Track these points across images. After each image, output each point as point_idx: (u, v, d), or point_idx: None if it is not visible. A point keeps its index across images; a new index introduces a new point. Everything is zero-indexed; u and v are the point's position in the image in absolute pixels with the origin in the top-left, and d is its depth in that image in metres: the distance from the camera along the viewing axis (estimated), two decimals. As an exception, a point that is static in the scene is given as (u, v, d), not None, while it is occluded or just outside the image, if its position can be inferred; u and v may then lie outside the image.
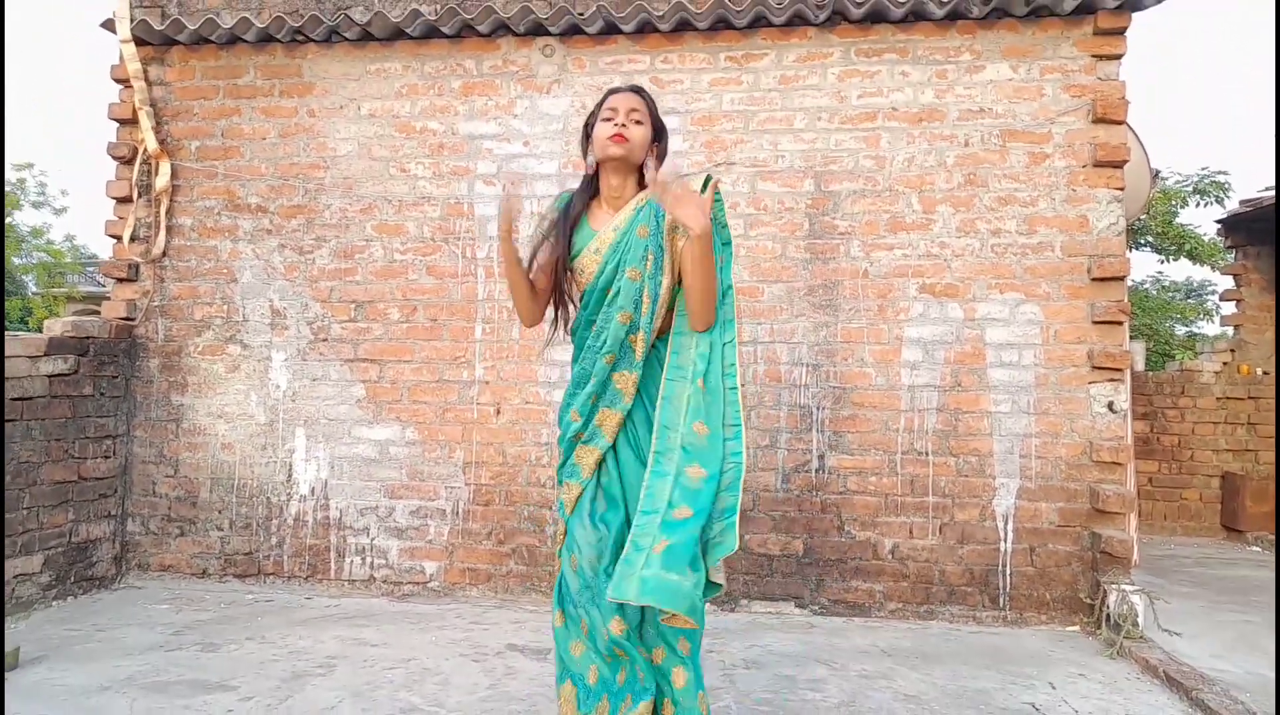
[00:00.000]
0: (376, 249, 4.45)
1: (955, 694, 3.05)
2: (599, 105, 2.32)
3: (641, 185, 2.32)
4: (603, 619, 2.14)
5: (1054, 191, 4.04)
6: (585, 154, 2.38)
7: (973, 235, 4.08)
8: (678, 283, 2.25)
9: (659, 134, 2.34)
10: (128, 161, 4.61)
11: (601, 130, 2.26)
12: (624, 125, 2.24)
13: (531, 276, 2.40)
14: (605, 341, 2.25)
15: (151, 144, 4.53)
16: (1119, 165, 4.00)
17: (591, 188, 2.36)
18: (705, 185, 2.17)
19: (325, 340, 4.46)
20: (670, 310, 2.27)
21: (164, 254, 4.58)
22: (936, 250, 4.10)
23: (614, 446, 2.26)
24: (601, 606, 2.14)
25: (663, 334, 2.28)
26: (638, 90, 2.33)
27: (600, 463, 2.25)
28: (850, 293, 4.15)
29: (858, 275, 4.15)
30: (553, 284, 2.41)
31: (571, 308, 2.42)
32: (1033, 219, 4.05)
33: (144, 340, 4.58)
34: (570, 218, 2.34)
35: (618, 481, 2.25)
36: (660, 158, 2.35)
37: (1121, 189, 4.02)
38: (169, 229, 4.59)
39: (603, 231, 2.29)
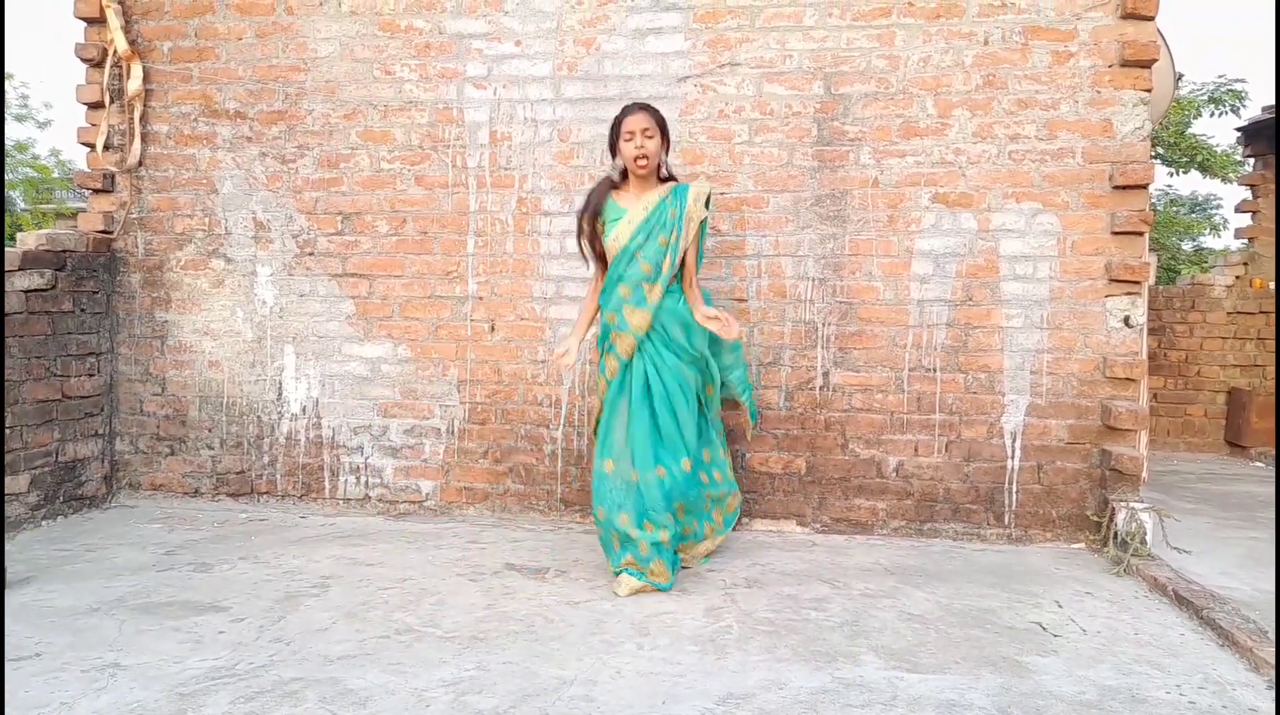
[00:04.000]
0: (362, 158, 4.24)
1: (960, 612, 3.00)
2: (617, 124, 3.23)
3: (658, 178, 3.32)
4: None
5: (1077, 93, 3.81)
6: (614, 155, 3.30)
7: (990, 141, 3.87)
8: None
9: (665, 130, 3.27)
10: (97, 64, 4.36)
11: (626, 152, 3.20)
12: (641, 146, 3.17)
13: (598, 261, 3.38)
14: (629, 282, 3.21)
15: (121, 45, 4.26)
16: (1147, 65, 3.76)
17: (617, 185, 3.33)
18: (708, 202, 3.26)
19: (312, 254, 4.29)
20: (675, 276, 3.27)
21: (140, 163, 4.36)
22: (951, 157, 3.90)
23: (630, 363, 3.25)
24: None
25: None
26: (644, 108, 3.24)
27: (621, 371, 3.26)
28: (859, 203, 3.96)
29: (867, 184, 3.95)
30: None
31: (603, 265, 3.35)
32: (1053, 123, 3.83)
33: (124, 254, 4.41)
34: (594, 206, 3.30)
35: (641, 381, 3.21)
36: (668, 147, 3.36)
37: (1149, 91, 3.80)
38: (144, 137, 4.36)
39: (634, 209, 3.24)
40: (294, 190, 4.28)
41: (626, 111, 3.24)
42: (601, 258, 3.34)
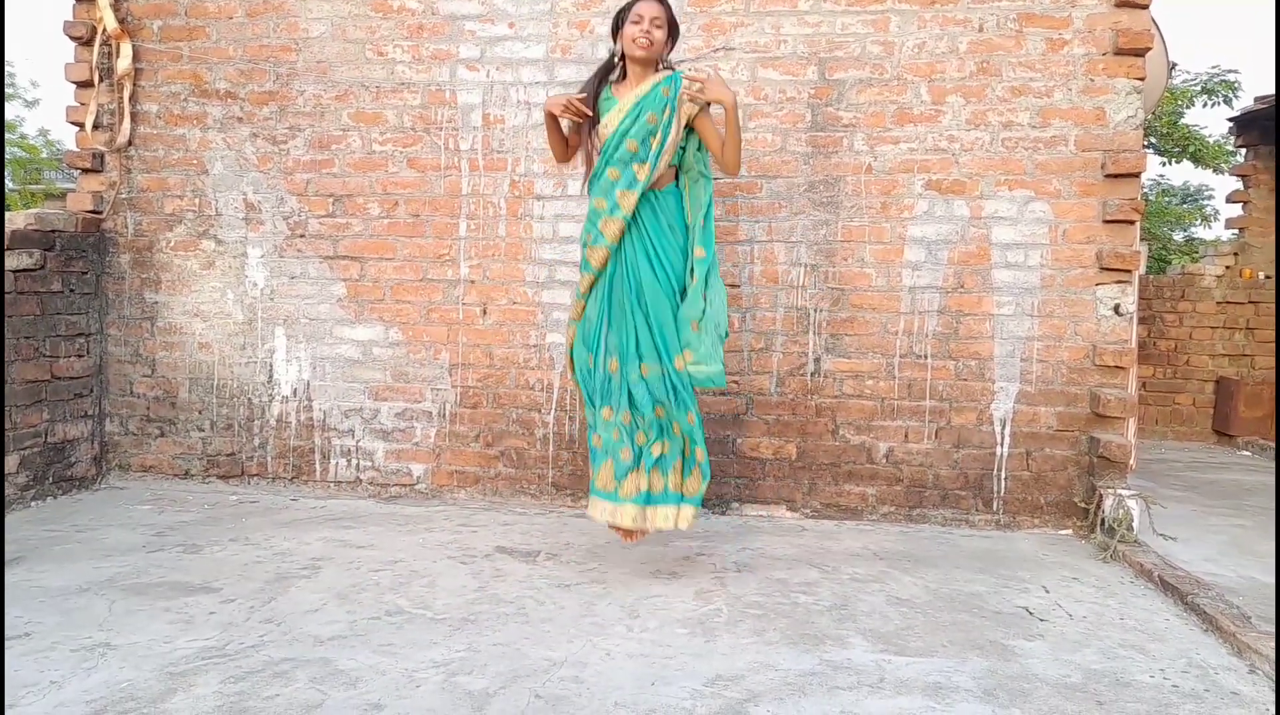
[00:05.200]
0: (354, 139, 4.21)
1: (948, 597, 3.02)
2: (627, 8, 3.01)
3: (655, 70, 3.07)
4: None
5: (1071, 81, 3.81)
6: (615, 40, 3.08)
7: (983, 128, 3.87)
8: (684, 148, 3.08)
9: (674, 32, 3.09)
10: (86, 42, 4.32)
11: (629, 32, 2.98)
12: (648, 31, 2.96)
13: (565, 131, 3.18)
14: (616, 163, 3.01)
15: (110, 23, 4.22)
16: (1141, 53, 3.77)
17: (613, 70, 3.11)
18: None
19: (303, 236, 4.27)
20: (673, 167, 3.09)
21: (130, 143, 4.33)
22: (944, 144, 3.90)
23: (620, 246, 3.04)
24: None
25: (662, 186, 3.07)
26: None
27: (607, 260, 3.04)
28: (853, 189, 3.96)
29: (861, 170, 3.95)
30: (579, 142, 3.19)
31: (593, 160, 3.14)
32: (1047, 111, 3.84)
33: (113, 234, 4.38)
34: (594, 90, 3.09)
35: (624, 276, 3.03)
36: (672, 48, 3.13)
37: (1142, 79, 3.80)
38: (134, 116, 4.33)
39: (625, 98, 3.03)
40: (285, 171, 4.26)
41: None
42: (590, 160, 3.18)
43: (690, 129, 3.08)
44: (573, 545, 3.52)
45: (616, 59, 3.11)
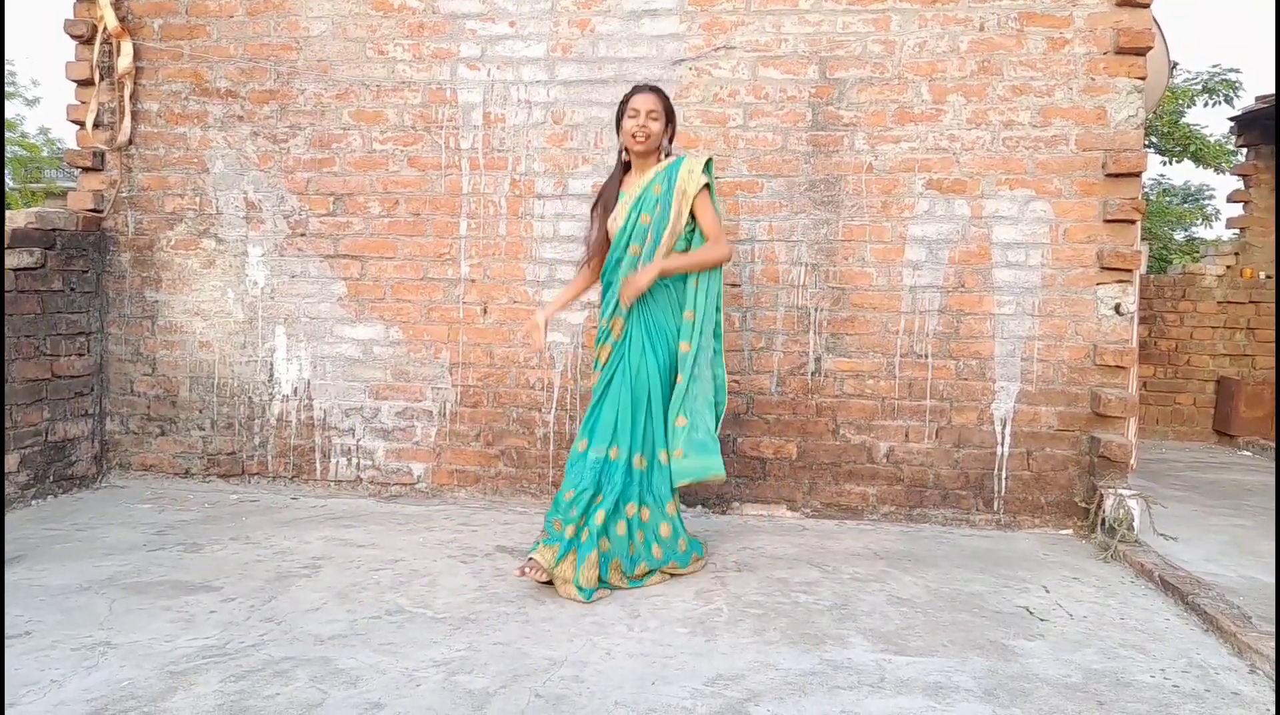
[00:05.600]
0: (355, 138, 4.21)
1: (948, 596, 3.02)
2: (624, 102, 3.18)
3: (659, 158, 3.24)
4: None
5: (1071, 80, 3.81)
6: (618, 134, 3.23)
7: (984, 127, 3.87)
8: (685, 234, 3.19)
9: (670, 118, 3.22)
10: (87, 41, 4.31)
11: (627, 127, 3.15)
12: (644, 124, 3.12)
13: (594, 247, 3.35)
14: (621, 265, 3.18)
15: (111, 21, 4.22)
16: (1142, 52, 3.76)
17: (625, 166, 3.28)
18: (707, 166, 3.16)
19: (303, 235, 4.26)
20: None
21: (130, 141, 4.33)
22: (945, 143, 3.89)
23: (622, 340, 3.20)
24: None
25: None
26: (654, 90, 3.18)
27: (610, 354, 3.22)
28: (853, 188, 3.96)
29: (862, 169, 3.94)
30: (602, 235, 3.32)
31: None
32: (1048, 110, 3.83)
33: (114, 233, 4.38)
34: (607, 197, 3.27)
35: (627, 363, 3.15)
36: (672, 134, 3.26)
37: (1143, 79, 3.80)
38: (134, 115, 4.32)
39: (630, 192, 3.21)
40: (285, 170, 4.26)
41: (636, 90, 3.20)
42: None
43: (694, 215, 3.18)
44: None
45: (621, 155, 3.27)
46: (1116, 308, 3.85)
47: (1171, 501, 4.42)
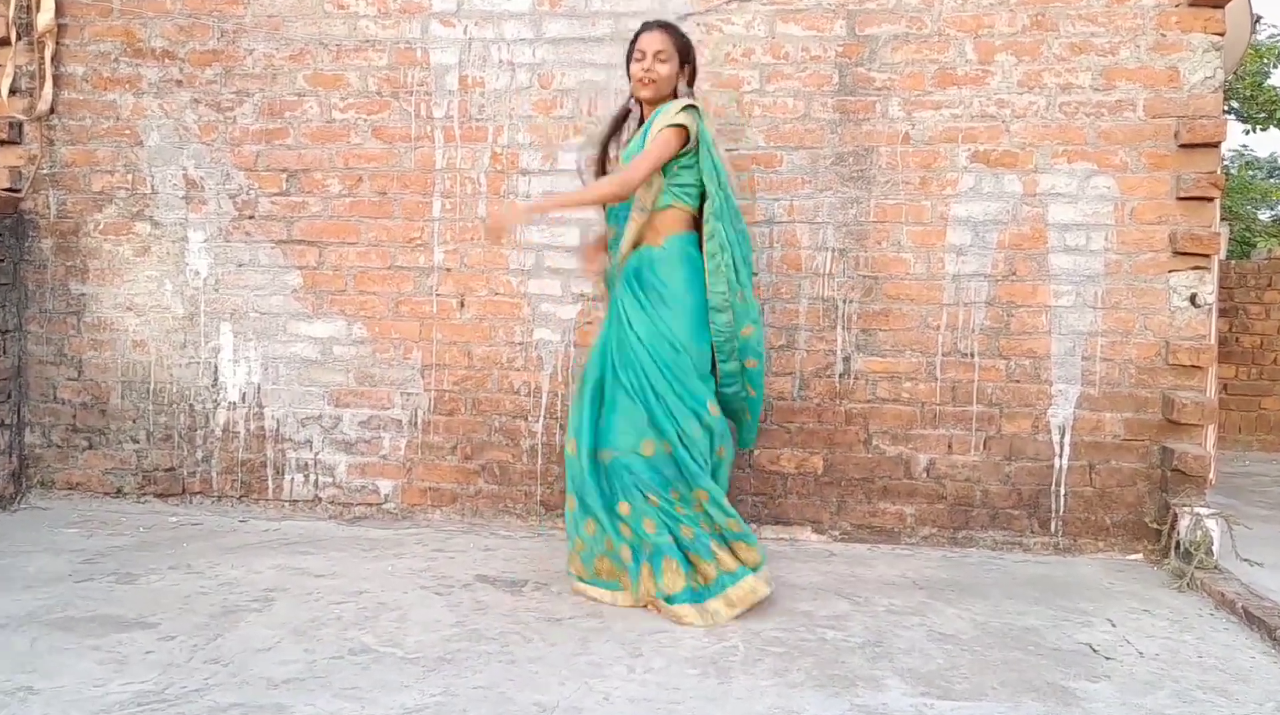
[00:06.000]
0: (311, 105, 4.22)
1: (999, 632, 3.03)
2: (632, 42, 3.20)
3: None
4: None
5: (1139, 37, 3.82)
6: (629, 77, 3.26)
7: (1038, 91, 3.88)
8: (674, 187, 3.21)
9: (686, 56, 3.22)
10: (1, -5, 4.33)
11: (633, 70, 3.17)
12: (650, 68, 3.13)
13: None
14: (620, 214, 3.28)
15: (29, -28, 4.23)
16: (1220, 4, 3.78)
17: (628, 114, 3.37)
18: (691, 109, 3.14)
19: (252, 217, 4.28)
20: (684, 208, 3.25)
21: (52, 110, 4.35)
22: (993, 110, 3.91)
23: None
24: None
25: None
26: (664, 26, 3.17)
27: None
28: (887, 162, 3.97)
29: (896, 140, 3.96)
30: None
31: None
32: (1111, 71, 3.85)
33: (33, 216, 4.40)
34: (606, 139, 3.40)
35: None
36: (691, 77, 3.30)
37: (1221, 34, 3.81)
38: (56, 79, 4.34)
39: (634, 142, 3.24)
40: (231, 143, 4.27)
41: (644, 28, 3.22)
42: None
43: (685, 163, 3.17)
44: (564, 573, 3.52)
45: (630, 102, 3.30)
46: (1192, 298, 3.86)
47: (1257, 522, 4.43)
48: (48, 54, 4.31)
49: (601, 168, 3.38)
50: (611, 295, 3.32)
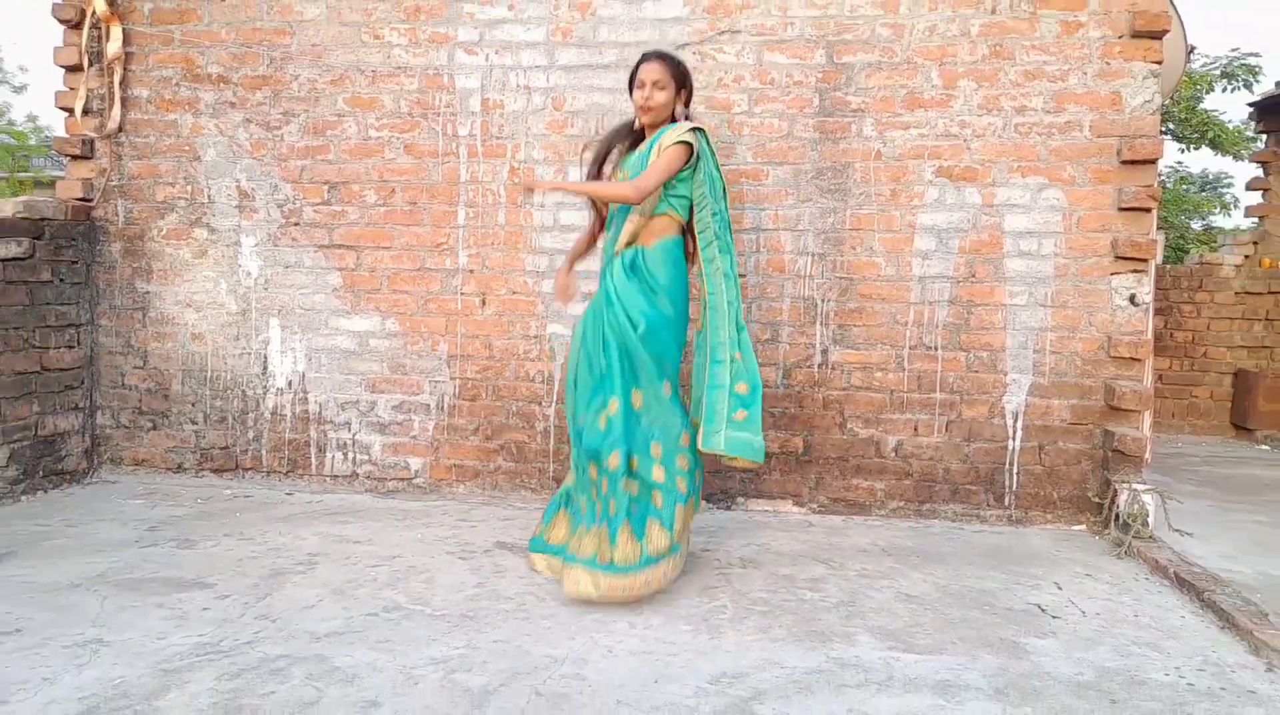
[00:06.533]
0: (349, 125, 4.21)
1: (958, 594, 3.02)
2: (634, 71, 3.16)
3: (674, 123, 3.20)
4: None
5: (1086, 65, 3.80)
6: (633, 102, 3.21)
7: (996, 113, 3.86)
8: (673, 198, 3.13)
9: (683, 82, 3.19)
10: (75, 25, 4.32)
11: (635, 98, 3.16)
12: (649, 95, 3.10)
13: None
14: (616, 224, 3.19)
15: (100, 6, 4.22)
16: (1158, 36, 3.75)
17: (630, 132, 3.28)
18: (698, 131, 3.10)
19: (297, 224, 4.27)
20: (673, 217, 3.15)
21: (120, 129, 4.33)
22: (956, 130, 3.89)
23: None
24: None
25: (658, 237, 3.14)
26: (661, 57, 3.15)
27: None
28: (861, 176, 3.95)
29: (870, 157, 3.94)
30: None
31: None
32: (1061, 96, 3.82)
33: (103, 223, 4.39)
34: (604, 151, 3.28)
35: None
36: (688, 99, 3.25)
37: (1159, 63, 3.79)
38: (124, 101, 4.33)
39: (635, 156, 3.17)
40: (279, 158, 4.26)
41: (644, 58, 3.17)
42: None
43: (682, 177, 3.08)
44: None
45: (636, 125, 3.23)
46: (1131, 298, 3.84)
47: (1187, 497, 4.42)
48: (116, 79, 4.29)
49: (597, 174, 3.27)
50: (601, 284, 3.13)
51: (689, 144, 3.07)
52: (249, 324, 4.33)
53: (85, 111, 4.35)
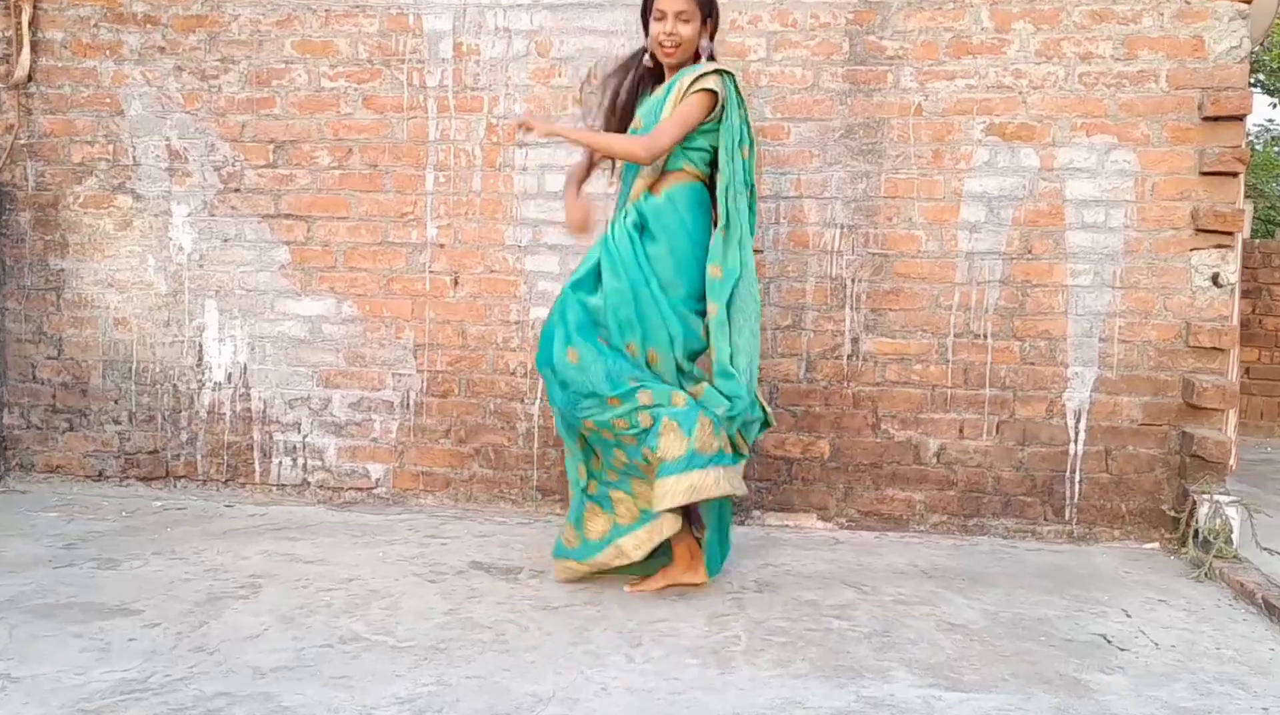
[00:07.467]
0: (299, 73, 4.21)
1: (1010, 622, 3.03)
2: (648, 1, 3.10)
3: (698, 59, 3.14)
4: None
5: (1162, 4, 3.80)
6: (646, 32, 3.15)
7: (1056, 61, 3.86)
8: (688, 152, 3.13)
9: (709, 11, 3.10)
10: (-24, -44, 4.31)
11: (653, 31, 3.07)
12: (673, 30, 3.03)
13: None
14: (630, 174, 3.21)
15: (4, -68, 4.21)
16: (1248, -30, 3.75)
17: (639, 66, 3.24)
18: (724, 74, 3.05)
19: (238, 190, 4.27)
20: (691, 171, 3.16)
21: (29, 78, 4.33)
22: (1010, 80, 3.89)
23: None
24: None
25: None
26: None
27: None
28: (899, 134, 3.95)
29: (909, 112, 3.94)
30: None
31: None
32: (1133, 40, 3.82)
33: (10, 188, 4.39)
34: (615, 89, 3.28)
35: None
36: (713, 32, 3.17)
37: (1248, 2, 3.79)
38: (34, 45, 4.32)
39: (651, 100, 3.18)
40: (216, 112, 4.25)
41: None
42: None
43: (706, 128, 3.08)
44: (562, 560, 3.53)
45: (648, 61, 3.18)
46: (1214, 278, 3.85)
47: (1277, 510, 4.43)
48: (25, 18, 4.28)
49: (612, 109, 3.27)
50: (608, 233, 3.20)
51: (713, 91, 3.03)
52: (181, 307, 4.33)
53: (-12, 57, 4.34)
